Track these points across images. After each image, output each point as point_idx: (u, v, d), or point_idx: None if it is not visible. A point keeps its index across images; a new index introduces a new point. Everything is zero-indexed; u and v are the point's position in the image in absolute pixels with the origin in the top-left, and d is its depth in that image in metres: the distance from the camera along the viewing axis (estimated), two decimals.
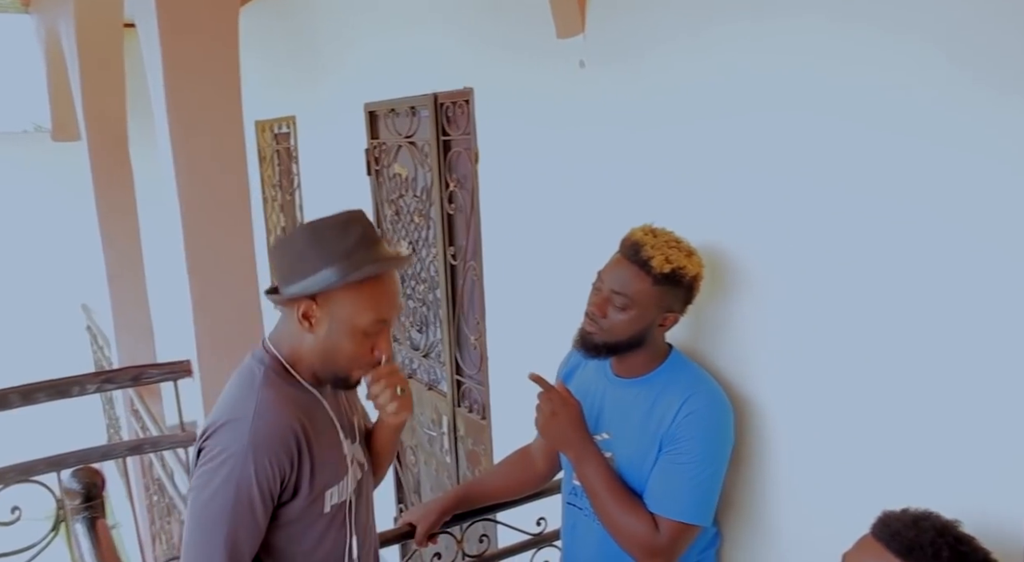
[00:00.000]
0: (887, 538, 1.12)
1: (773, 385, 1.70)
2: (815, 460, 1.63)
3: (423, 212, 3.24)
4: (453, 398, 3.17)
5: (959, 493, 1.37)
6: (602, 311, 1.62)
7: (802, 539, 1.69)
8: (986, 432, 1.32)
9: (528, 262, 2.50)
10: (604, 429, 1.73)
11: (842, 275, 1.51)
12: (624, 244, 1.64)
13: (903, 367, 1.43)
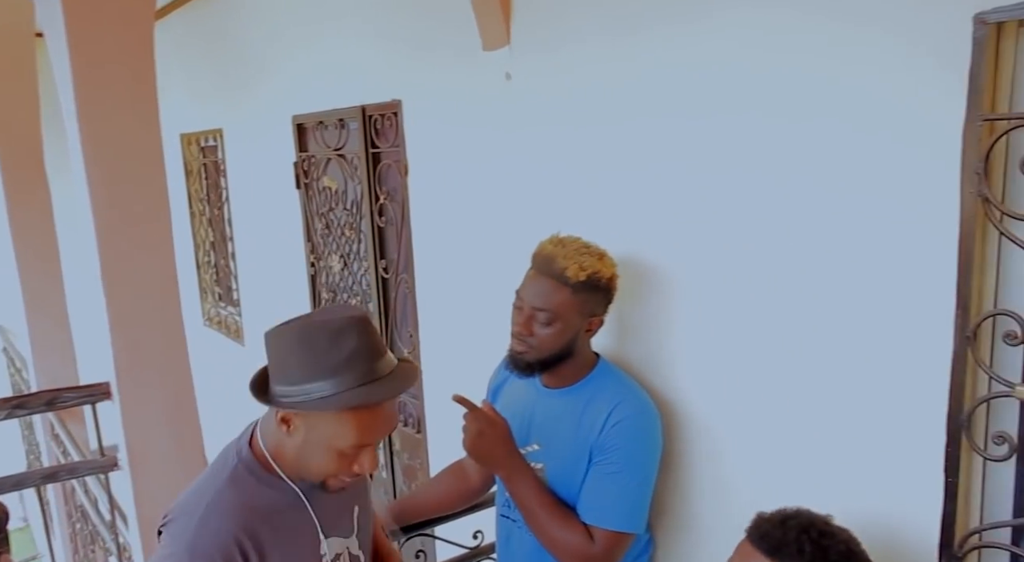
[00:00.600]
0: (757, 539, 1.18)
1: (697, 389, 1.74)
2: (739, 461, 1.67)
3: (353, 225, 3.20)
4: None
5: (872, 486, 1.42)
6: (528, 329, 1.63)
7: (732, 541, 1.72)
8: (896, 425, 1.37)
9: (460, 273, 2.50)
10: (534, 440, 1.73)
11: (761, 278, 1.56)
12: (536, 259, 1.65)
13: (817, 366, 1.48)
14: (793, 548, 1.13)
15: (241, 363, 4.74)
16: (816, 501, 1.51)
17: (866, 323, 1.38)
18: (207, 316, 5.31)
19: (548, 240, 1.66)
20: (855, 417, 1.43)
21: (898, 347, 1.34)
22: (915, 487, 1.35)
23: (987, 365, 1.26)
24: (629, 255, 1.82)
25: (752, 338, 1.59)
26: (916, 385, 1.32)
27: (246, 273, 4.50)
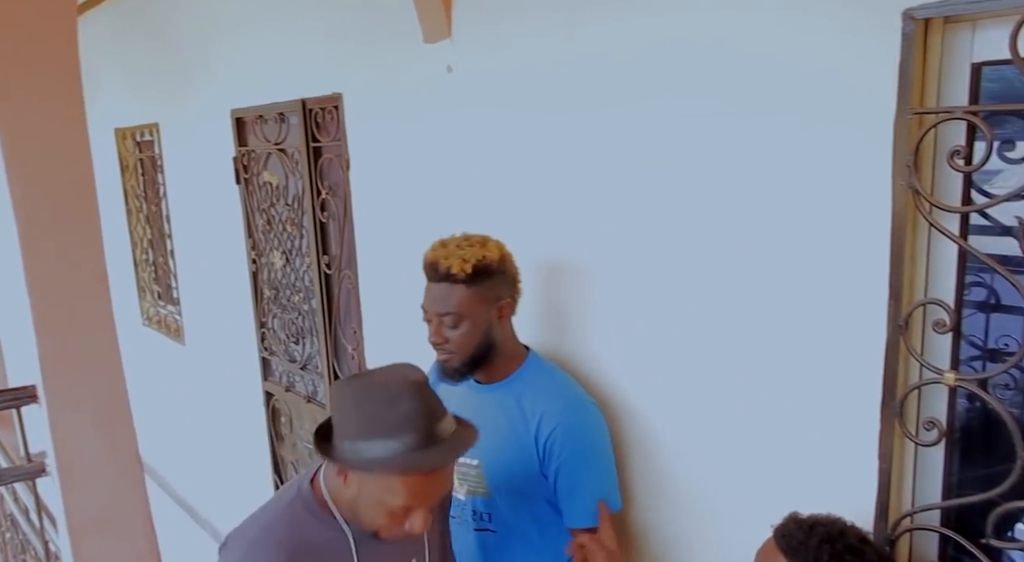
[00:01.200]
0: (780, 536, 1.17)
1: (630, 379, 1.76)
2: (674, 450, 1.69)
3: (295, 221, 3.14)
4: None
5: (808, 472, 1.45)
6: (441, 337, 1.65)
7: (665, 526, 1.74)
8: (832, 413, 1.39)
9: (404, 268, 2.46)
10: None
11: (695, 267, 1.57)
12: (426, 269, 1.66)
13: (753, 356, 1.50)
14: (810, 554, 1.12)
15: (182, 363, 4.63)
16: (751, 487, 1.54)
17: (802, 313, 1.41)
18: (146, 315, 5.17)
19: (429, 247, 1.68)
20: (791, 406, 1.45)
21: (833, 336, 1.37)
22: (850, 472, 1.37)
23: (918, 353, 1.29)
24: (567, 246, 1.82)
25: (686, 328, 1.61)
26: (851, 373, 1.35)
27: (186, 271, 4.39)
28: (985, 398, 1.24)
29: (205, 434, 4.48)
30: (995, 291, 1.76)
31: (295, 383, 3.47)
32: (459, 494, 1.77)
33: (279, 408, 3.60)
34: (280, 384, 3.55)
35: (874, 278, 1.28)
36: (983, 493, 1.24)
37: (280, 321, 3.45)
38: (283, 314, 3.41)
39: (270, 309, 3.52)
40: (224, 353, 4.04)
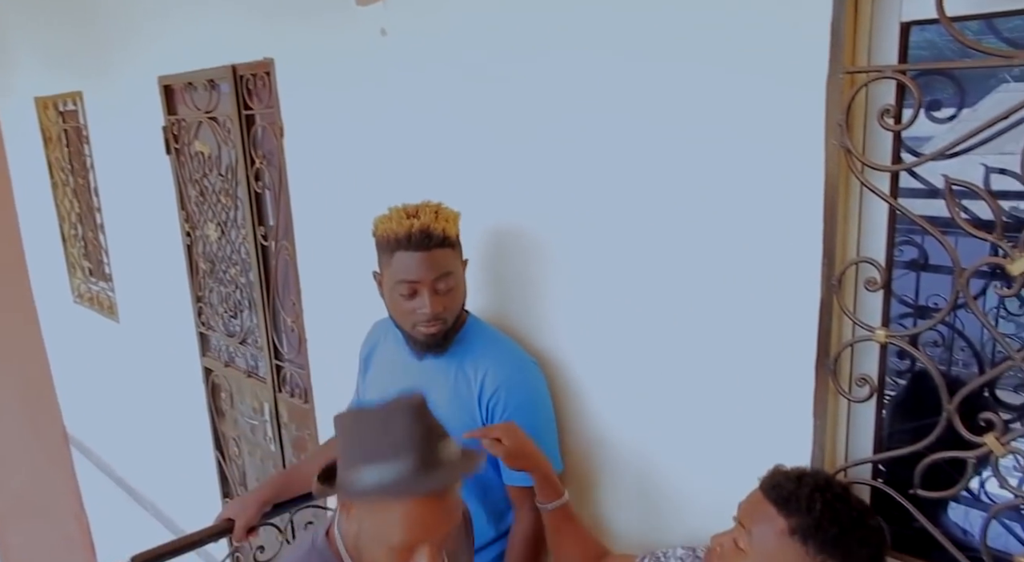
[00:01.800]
0: (769, 488, 1.17)
1: (571, 342, 1.76)
2: (612, 412, 1.70)
3: (229, 192, 3.05)
4: (273, 383, 3.04)
5: (745, 431, 1.47)
6: (441, 306, 1.59)
7: (606, 487, 1.76)
8: (767, 372, 1.41)
9: (342, 238, 2.42)
10: None
11: (631, 231, 1.57)
12: (410, 239, 1.56)
13: (690, 316, 1.51)
14: (803, 504, 1.12)
15: (116, 341, 4.49)
16: (689, 445, 1.56)
17: (738, 274, 1.42)
18: (77, 293, 5.00)
19: (396, 217, 1.59)
20: (728, 365, 1.47)
21: (769, 297, 1.38)
22: (785, 429, 1.40)
23: (851, 311, 1.31)
24: (506, 213, 1.80)
25: (624, 290, 1.61)
26: (786, 332, 1.37)
27: (117, 246, 4.24)
28: (914, 354, 1.27)
29: (144, 412, 4.37)
30: (925, 251, 1.80)
31: (235, 358, 3.39)
32: None
33: (219, 383, 3.53)
34: (219, 359, 3.47)
35: (808, 238, 1.29)
36: (911, 446, 1.28)
37: (217, 295, 3.36)
38: (220, 288, 3.32)
39: (206, 283, 3.42)
40: (160, 329, 3.93)
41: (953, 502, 1.74)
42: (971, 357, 2.02)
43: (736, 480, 1.27)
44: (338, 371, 2.45)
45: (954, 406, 1.21)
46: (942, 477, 1.26)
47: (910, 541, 1.41)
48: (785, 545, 1.12)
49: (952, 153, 1.18)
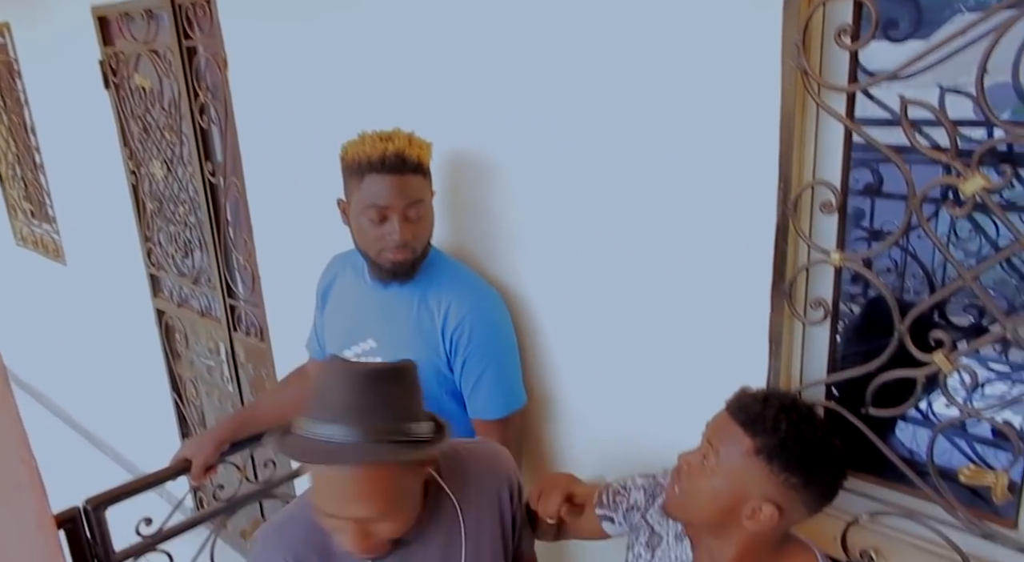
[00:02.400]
0: (736, 410, 1.17)
1: (533, 272, 1.75)
2: (573, 338, 1.71)
3: (174, 127, 2.94)
4: (228, 323, 2.99)
5: (702, 355, 1.48)
6: (411, 232, 1.56)
7: (564, 416, 1.78)
8: (724, 297, 1.42)
9: (292, 172, 2.35)
10: (369, 336, 1.69)
11: (592, 157, 1.54)
12: (385, 163, 1.52)
13: (648, 242, 1.50)
14: (769, 424, 1.12)
15: (64, 284, 4.37)
16: (648, 369, 1.57)
17: (695, 197, 1.40)
18: (20, 236, 4.83)
19: (369, 141, 1.55)
20: (685, 290, 1.47)
21: (725, 221, 1.37)
22: (741, 353, 1.41)
23: (806, 235, 1.31)
24: (465, 141, 1.76)
25: (583, 222, 1.60)
26: (742, 257, 1.37)
27: (59, 186, 4.09)
28: (868, 276, 1.28)
29: (98, 356, 4.29)
30: (880, 175, 1.81)
31: (188, 298, 3.33)
32: None
33: (173, 325, 3.46)
34: (172, 300, 3.40)
35: (764, 162, 1.28)
36: (864, 367, 1.30)
37: (166, 235, 3.27)
38: (169, 227, 3.23)
39: (155, 223, 3.32)
40: (109, 271, 3.83)
41: (901, 422, 1.80)
42: (923, 284, 2.07)
43: (694, 406, 1.29)
44: (294, 309, 2.42)
45: (906, 326, 1.23)
46: (893, 398, 1.29)
47: (861, 460, 1.45)
48: (750, 464, 1.14)
49: (907, 75, 1.16)
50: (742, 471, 1.14)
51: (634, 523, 1.40)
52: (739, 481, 1.15)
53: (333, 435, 1.04)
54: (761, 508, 1.14)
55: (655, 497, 1.39)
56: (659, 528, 1.37)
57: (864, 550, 1.36)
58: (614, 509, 1.41)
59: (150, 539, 1.84)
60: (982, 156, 1.09)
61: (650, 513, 1.38)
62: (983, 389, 1.78)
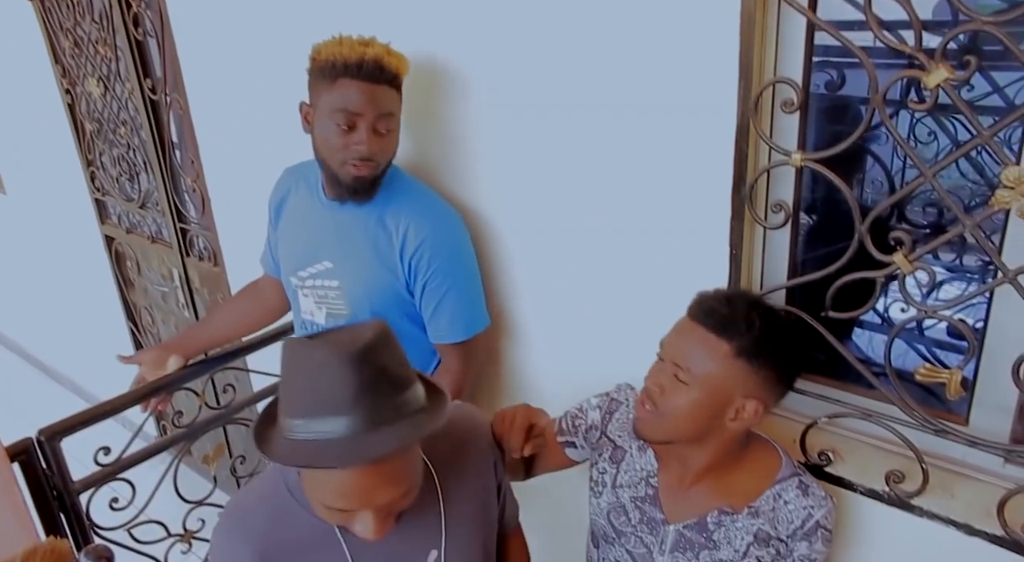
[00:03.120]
0: (703, 316, 1.16)
1: (494, 193, 1.70)
2: (534, 257, 1.68)
3: (107, 41, 2.77)
4: (180, 248, 2.90)
5: (663, 261, 1.46)
6: (378, 146, 1.48)
7: (531, 333, 1.76)
8: (684, 202, 1.39)
9: (238, 85, 2.24)
10: (324, 258, 1.63)
11: (555, 69, 1.48)
12: (362, 68, 1.42)
13: (609, 147, 1.46)
14: (742, 325, 1.12)
15: (4, 213, 4.21)
16: (609, 278, 1.55)
17: (654, 101, 1.35)
18: None
19: (347, 43, 1.44)
20: (646, 199, 1.44)
21: (685, 123, 1.33)
22: (703, 259, 1.39)
23: (767, 135, 1.27)
24: (426, 53, 1.67)
25: (545, 133, 1.54)
26: (703, 160, 1.33)
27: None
28: (829, 176, 1.25)
29: (48, 287, 4.16)
30: (844, 77, 1.77)
31: (136, 224, 3.22)
32: (318, 319, 1.70)
33: (123, 252, 3.36)
34: (120, 226, 3.29)
35: (724, 60, 1.23)
36: (824, 269, 1.29)
37: (110, 158, 3.13)
38: (112, 150, 3.09)
39: (96, 145, 3.18)
40: (52, 198, 3.68)
41: (859, 328, 1.81)
42: (884, 189, 2.06)
43: (656, 319, 1.27)
44: (247, 232, 2.34)
45: (866, 227, 1.21)
46: (853, 302, 1.29)
47: (821, 364, 1.46)
48: (730, 367, 1.14)
49: None
50: (723, 376, 1.14)
51: (595, 442, 1.40)
52: (720, 387, 1.15)
53: (338, 430, 0.90)
54: (745, 407, 1.16)
55: (612, 413, 1.39)
56: (621, 442, 1.38)
57: (823, 451, 1.38)
58: (574, 433, 1.41)
59: (109, 468, 1.81)
60: (946, 49, 1.05)
61: (610, 429, 1.39)
62: (939, 290, 1.79)
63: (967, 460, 1.30)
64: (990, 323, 1.22)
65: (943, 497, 1.28)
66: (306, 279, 1.67)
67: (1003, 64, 1.45)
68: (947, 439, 1.26)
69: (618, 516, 1.36)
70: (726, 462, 1.26)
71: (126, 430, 1.87)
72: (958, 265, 1.96)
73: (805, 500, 1.23)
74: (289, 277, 1.71)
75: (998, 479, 1.26)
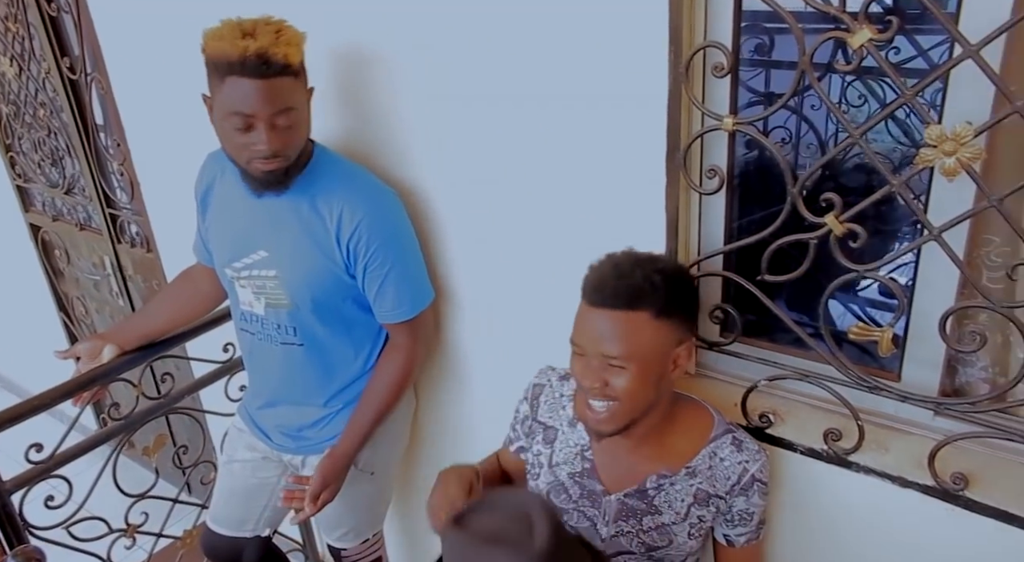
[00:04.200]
0: (609, 300, 1.15)
1: (428, 164, 1.67)
2: (470, 226, 1.66)
3: (18, 17, 2.63)
4: (111, 235, 2.80)
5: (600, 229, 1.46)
6: (280, 141, 1.40)
7: (471, 301, 1.75)
8: (619, 169, 1.38)
9: (162, 62, 2.14)
10: (259, 247, 1.57)
11: (481, 43, 1.45)
12: (246, 64, 1.32)
13: (540, 114, 1.44)
14: (647, 288, 1.13)
15: None
16: (549, 257, 1.54)
17: (585, 70, 1.34)
18: None
19: (229, 35, 1.33)
20: (580, 164, 1.42)
21: (617, 88, 1.31)
22: (640, 226, 1.38)
23: (699, 101, 1.27)
24: (352, 26, 1.62)
25: (478, 103, 1.51)
26: (636, 126, 1.32)
27: None
28: (761, 140, 1.26)
29: None
30: (773, 42, 1.78)
31: (63, 211, 3.10)
32: (257, 309, 1.65)
33: (50, 241, 3.23)
34: (46, 214, 3.16)
35: (654, 23, 1.22)
36: (759, 234, 1.30)
37: (29, 142, 3.00)
38: (31, 133, 2.96)
39: (14, 129, 3.04)
40: None
41: (796, 290, 1.84)
42: (817, 153, 2.09)
43: None
44: (180, 215, 2.26)
45: (797, 189, 1.22)
46: (788, 264, 1.30)
47: (760, 327, 1.48)
48: (656, 330, 1.15)
49: None
50: (653, 340, 1.16)
51: (528, 430, 1.41)
52: (656, 350, 1.17)
53: None
54: (680, 354, 1.20)
55: (538, 397, 1.41)
56: (552, 421, 1.39)
57: (763, 413, 1.40)
58: (517, 437, 1.45)
59: (43, 465, 1.75)
60: (868, 10, 1.06)
61: (539, 413, 1.40)
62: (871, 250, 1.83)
63: (900, 415, 1.33)
64: (918, 281, 1.25)
65: (878, 452, 1.31)
66: (242, 270, 1.61)
67: (926, 27, 1.48)
68: (881, 395, 1.29)
69: (558, 495, 1.36)
70: (660, 425, 1.27)
71: (63, 425, 1.81)
72: (890, 226, 2.01)
73: (739, 455, 1.26)
74: (224, 269, 1.65)
75: (929, 431, 1.30)
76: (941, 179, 1.12)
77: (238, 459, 1.86)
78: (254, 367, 1.77)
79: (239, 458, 1.85)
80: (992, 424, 1.21)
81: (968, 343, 1.19)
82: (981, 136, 1.04)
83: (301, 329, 1.62)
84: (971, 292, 1.16)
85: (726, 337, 1.45)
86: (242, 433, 1.86)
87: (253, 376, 1.80)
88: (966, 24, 1.03)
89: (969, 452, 1.26)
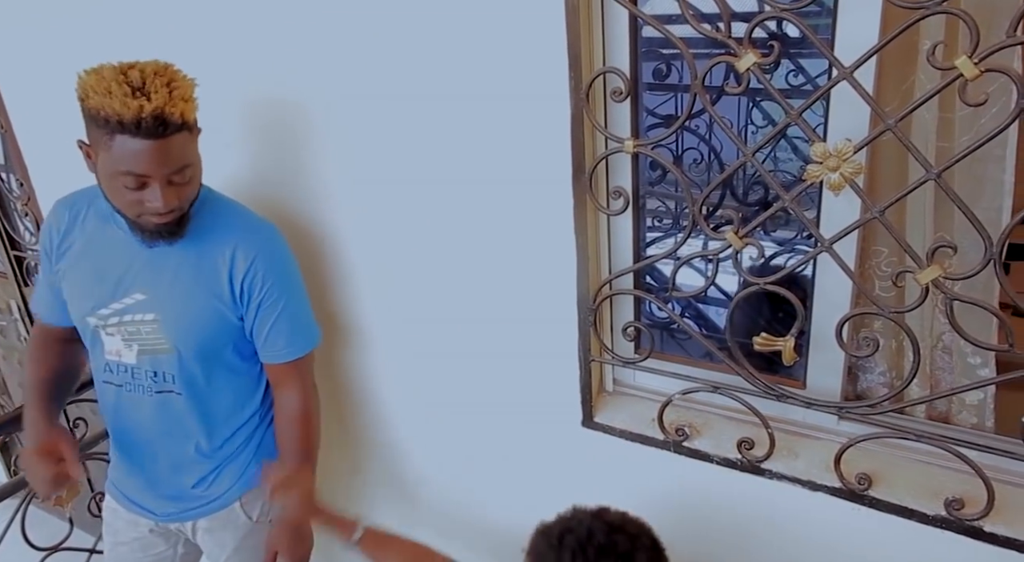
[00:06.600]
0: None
1: (332, 196, 1.67)
2: (379, 262, 1.66)
3: None
4: (16, 278, 2.69)
5: (509, 255, 1.48)
6: (175, 199, 1.33)
7: (375, 340, 1.75)
8: (527, 193, 1.41)
9: (65, 95, 2.07)
10: (135, 291, 1.47)
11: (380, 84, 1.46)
12: (141, 126, 1.24)
13: (440, 142, 1.46)
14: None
15: None
16: (456, 277, 1.54)
17: (490, 92, 1.36)
18: None
19: (117, 91, 1.23)
20: (490, 198, 1.45)
21: (523, 115, 1.34)
22: (551, 251, 1.41)
23: (602, 125, 1.31)
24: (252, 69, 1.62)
25: (380, 134, 1.52)
26: (541, 150, 1.35)
27: None
28: (660, 161, 1.30)
29: None
30: (674, 68, 1.85)
31: None
32: (127, 358, 1.52)
33: None
34: None
35: (553, 50, 1.25)
36: (664, 252, 1.34)
37: None
38: None
39: None
40: None
41: (702, 305, 1.90)
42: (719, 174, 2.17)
43: (507, 311, 1.28)
44: None
45: (698, 207, 1.27)
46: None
47: (671, 343, 1.52)
48: None
49: None
50: None
51: None
52: None
53: None
54: None
55: None
56: None
57: (679, 427, 1.43)
58: None
59: None
60: (753, 35, 1.11)
61: None
62: (770, 262, 1.90)
63: (807, 421, 1.39)
64: (815, 291, 1.31)
65: (789, 458, 1.35)
66: (109, 317, 1.50)
67: (807, 51, 1.56)
68: (788, 403, 1.34)
69: None
70: None
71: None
72: (787, 239, 2.09)
73: None
74: (86, 318, 1.52)
75: (834, 436, 1.35)
76: (829, 194, 1.18)
77: (123, 541, 1.70)
78: (121, 425, 1.61)
79: (123, 540, 1.69)
80: (891, 425, 1.27)
81: (864, 349, 1.25)
82: (862, 152, 1.10)
83: (180, 376, 1.51)
84: (865, 301, 1.22)
85: (640, 353, 1.48)
86: (116, 512, 1.69)
87: (120, 438, 1.64)
88: (841, 48, 1.10)
89: (872, 453, 1.32)
